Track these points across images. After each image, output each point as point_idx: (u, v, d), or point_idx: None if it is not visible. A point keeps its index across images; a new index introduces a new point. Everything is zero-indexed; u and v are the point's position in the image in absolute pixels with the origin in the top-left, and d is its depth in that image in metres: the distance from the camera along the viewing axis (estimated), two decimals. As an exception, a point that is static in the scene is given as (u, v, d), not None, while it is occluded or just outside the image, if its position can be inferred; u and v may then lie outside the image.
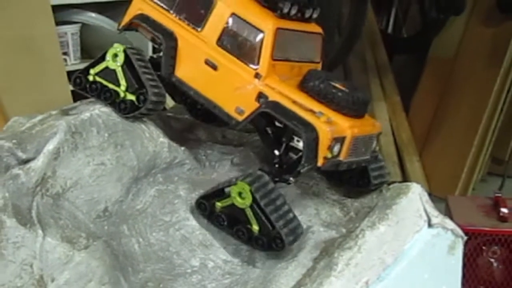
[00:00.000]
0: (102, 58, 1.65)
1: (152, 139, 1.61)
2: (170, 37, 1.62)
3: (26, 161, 1.50)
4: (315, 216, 1.63)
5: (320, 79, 1.52)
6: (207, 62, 1.58)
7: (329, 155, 1.46)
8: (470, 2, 4.49)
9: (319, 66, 1.67)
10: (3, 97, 3.12)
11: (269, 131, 1.56)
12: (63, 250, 1.42)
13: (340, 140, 1.47)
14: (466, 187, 4.49)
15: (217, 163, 1.73)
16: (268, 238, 1.49)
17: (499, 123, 4.52)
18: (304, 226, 1.58)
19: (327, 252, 1.49)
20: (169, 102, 1.71)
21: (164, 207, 1.62)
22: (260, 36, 1.53)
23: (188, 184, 1.65)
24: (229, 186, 1.49)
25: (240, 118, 1.57)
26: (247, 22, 1.54)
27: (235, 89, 1.56)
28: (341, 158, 1.49)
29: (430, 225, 1.55)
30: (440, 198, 3.42)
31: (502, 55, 4.39)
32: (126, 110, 1.61)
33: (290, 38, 1.58)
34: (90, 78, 1.66)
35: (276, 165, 1.54)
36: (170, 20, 1.64)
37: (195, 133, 1.80)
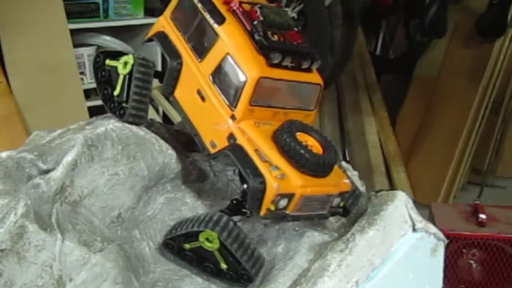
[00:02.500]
0: (119, 55, 1.62)
1: (161, 151, 1.61)
2: (178, 60, 1.58)
3: (47, 172, 1.50)
4: (310, 222, 1.63)
5: (289, 133, 1.44)
6: (199, 92, 1.54)
7: (273, 208, 1.39)
8: (451, 26, 4.50)
9: (312, 114, 1.59)
10: (26, 113, 3.13)
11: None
12: (80, 253, 1.42)
13: (288, 196, 1.40)
14: (448, 195, 4.49)
15: (221, 173, 1.72)
16: (236, 274, 1.46)
17: (478, 137, 4.52)
18: (300, 231, 1.58)
19: (321, 254, 1.49)
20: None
21: (173, 214, 1.62)
22: (242, 81, 1.46)
23: (194, 192, 1.65)
24: (196, 233, 1.44)
25: (212, 151, 1.52)
26: (237, 65, 1.47)
27: (213, 124, 1.51)
28: (287, 211, 1.42)
29: (414, 229, 1.55)
30: (424, 205, 3.42)
31: (480, 74, 4.40)
32: (112, 110, 1.63)
33: (277, 86, 1.51)
34: (107, 63, 1.64)
35: (239, 198, 1.47)
36: (182, 45, 1.60)
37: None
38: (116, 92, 1.62)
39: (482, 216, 2.86)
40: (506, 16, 4.30)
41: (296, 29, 1.59)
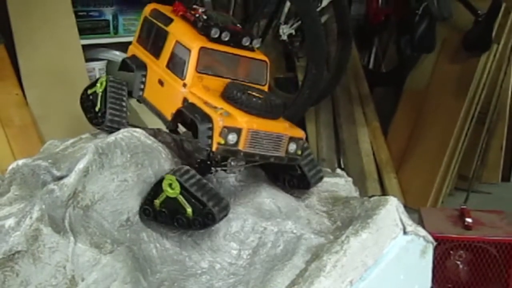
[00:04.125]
0: (95, 83, 1.81)
1: (167, 159, 1.61)
2: (143, 68, 1.74)
3: (60, 178, 1.51)
4: (307, 225, 1.63)
5: (233, 86, 1.57)
6: (159, 81, 1.68)
7: (222, 142, 1.48)
8: (439, 41, 4.50)
9: (264, 89, 1.71)
10: (41, 123, 3.13)
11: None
12: (92, 254, 1.43)
13: (236, 130, 1.49)
14: (436, 200, 4.47)
15: (223, 180, 1.73)
16: (201, 217, 1.50)
17: (465, 145, 4.51)
18: (298, 234, 1.58)
19: (317, 255, 1.49)
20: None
21: (178, 217, 1.62)
22: (187, 53, 1.60)
23: (198, 197, 1.65)
24: (159, 182, 1.51)
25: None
26: (183, 45, 1.63)
27: (171, 98, 1.63)
28: (239, 147, 1.50)
29: (405, 232, 1.56)
30: (413, 209, 3.41)
31: (467, 87, 4.39)
32: (96, 124, 1.79)
33: (221, 58, 1.65)
34: (89, 92, 1.83)
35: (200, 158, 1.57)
36: (146, 56, 1.76)
37: (204, 154, 1.80)
38: (97, 108, 1.77)
39: (468, 220, 2.85)
40: (491, 33, 4.31)
41: (239, 25, 1.74)
